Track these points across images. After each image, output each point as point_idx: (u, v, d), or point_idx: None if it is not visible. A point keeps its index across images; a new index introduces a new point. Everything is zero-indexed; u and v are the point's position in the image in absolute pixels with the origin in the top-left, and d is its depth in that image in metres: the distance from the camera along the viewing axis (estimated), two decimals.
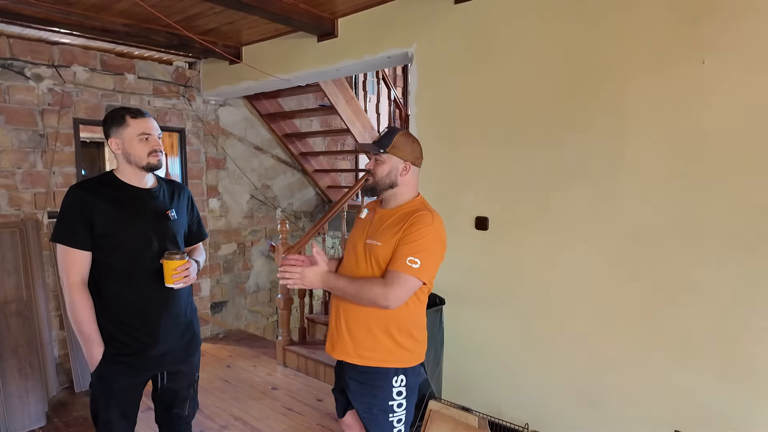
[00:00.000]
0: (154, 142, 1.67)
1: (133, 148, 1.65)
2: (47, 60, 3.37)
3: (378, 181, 1.64)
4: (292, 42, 3.38)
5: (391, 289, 1.48)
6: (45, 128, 3.38)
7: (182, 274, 1.64)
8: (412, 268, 1.48)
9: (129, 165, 1.68)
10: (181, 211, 1.82)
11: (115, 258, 1.63)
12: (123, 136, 1.65)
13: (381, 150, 1.61)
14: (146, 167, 1.68)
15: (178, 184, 1.91)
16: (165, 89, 4.04)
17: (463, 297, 2.63)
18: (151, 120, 1.69)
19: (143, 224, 1.67)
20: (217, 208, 4.53)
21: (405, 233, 1.53)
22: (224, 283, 4.67)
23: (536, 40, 2.27)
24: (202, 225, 1.99)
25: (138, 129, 1.65)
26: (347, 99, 4.32)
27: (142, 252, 1.65)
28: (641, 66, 1.99)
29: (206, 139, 4.37)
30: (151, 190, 1.74)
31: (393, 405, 1.61)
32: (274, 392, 3.32)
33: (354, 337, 1.62)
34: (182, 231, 1.83)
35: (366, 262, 1.61)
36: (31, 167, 3.35)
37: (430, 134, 2.71)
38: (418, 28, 2.69)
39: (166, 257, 1.63)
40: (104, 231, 1.60)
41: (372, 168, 1.65)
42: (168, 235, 1.72)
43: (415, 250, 1.49)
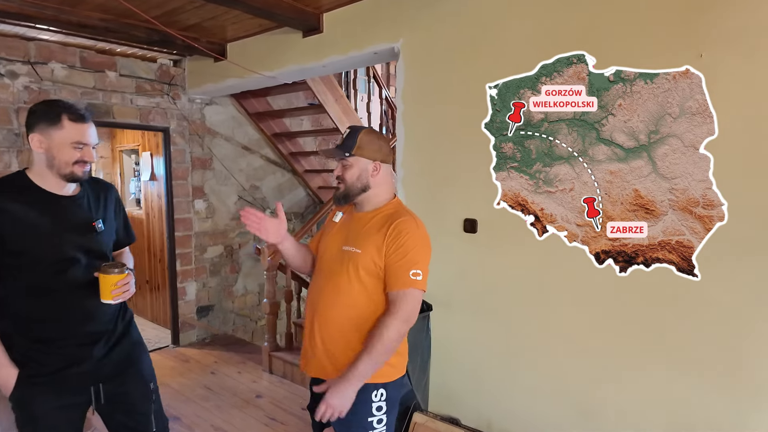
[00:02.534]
0: (87, 154, 1.48)
1: (61, 154, 1.44)
2: (23, 56, 3.26)
3: (349, 187, 1.53)
4: (277, 38, 3.27)
5: (403, 312, 1.42)
6: (20, 127, 3.26)
7: (122, 288, 1.49)
8: (417, 282, 1.43)
9: (49, 170, 1.47)
10: (108, 219, 1.63)
11: (31, 276, 1.45)
12: (52, 137, 1.43)
13: (346, 153, 1.50)
14: (67, 177, 1.47)
15: (103, 184, 1.70)
16: (148, 87, 3.92)
17: (451, 303, 2.52)
18: (91, 127, 1.50)
19: (65, 239, 1.48)
20: (203, 210, 4.41)
21: (394, 246, 1.44)
22: (211, 286, 4.56)
23: (526, 32, 2.17)
24: (130, 227, 1.79)
25: (74, 136, 1.45)
26: (336, 98, 4.21)
27: (63, 270, 1.47)
28: (637, 59, 1.89)
29: (192, 138, 4.26)
30: (73, 197, 1.53)
31: (372, 421, 1.51)
32: (258, 401, 3.21)
33: (331, 355, 1.52)
34: (111, 242, 1.65)
35: (341, 270, 1.50)
36: (6, 167, 3.23)
37: (418, 132, 2.61)
38: (404, 22, 2.59)
39: (103, 271, 1.46)
40: (16, 247, 1.42)
41: (340, 174, 1.53)
42: (94, 249, 1.54)
43: (413, 262, 1.43)
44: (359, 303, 1.48)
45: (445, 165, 2.49)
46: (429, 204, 2.52)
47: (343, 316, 1.50)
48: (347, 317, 1.49)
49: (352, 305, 1.49)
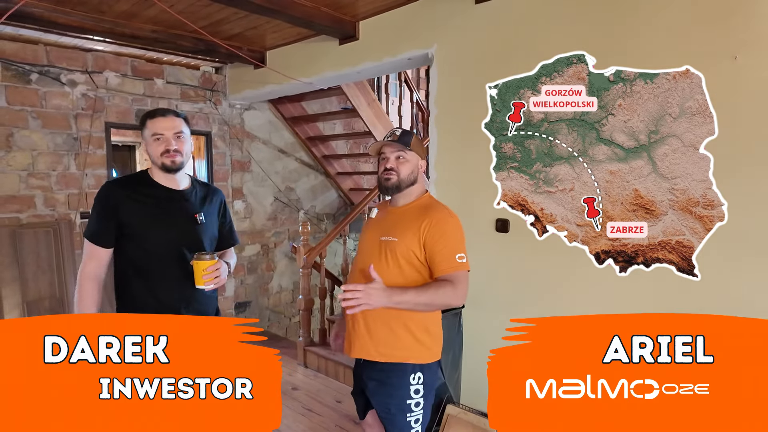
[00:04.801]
0: (166, 142, 1.64)
1: (151, 149, 1.65)
2: (81, 66, 3.51)
3: (403, 179, 1.66)
4: (314, 46, 3.41)
5: (460, 290, 1.54)
6: (78, 132, 3.51)
7: (212, 274, 1.60)
8: (463, 264, 1.56)
9: (154, 165, 1.69)
10: (210, 215, 1.78)
11: (138, 256, 1.64)
12: (144, 137, 1.67)
13: (408, 148, 1.64)
14: (161, 168, 1.66)
15: (212, 188, 1.89)
16: (192, 93, 4.14)
17: (483, 301, 2.58)
18: (167, 120, 1.66)
19: (169, 225, 1.66)
20: (241, 210, 4.61)
21: (437, 235, 1.56)
22: (248, 283, 4.75)
23: (559, 38, 2.22)
24: (234, 231, 1.95)
25: (152, 129, 1.64)
26: (369, 102, 4.33)
27: (166, 253, 1.65)
28: (671, 62, 1.92)
29: (232, 142, 4.46)
30: (183, 191, 1.72)
31: (411, 404, 1.61)
32: (294, 392, 3.35)
33: (372, 334, 1.62)
34: (210, 235, 1.79)
35: (381, 258, 1.61)
36: (65, 169, 3.48)
37: (450, 135, 2.69)
38: (438, 29, 2.68)
39: (196, 258, 1.59)
40: (129, 228, 1.62)
41: (394, 167, 1.65)
42: (194, 238, 1.70)
43: (456, 245, 1.57)
44: (397, 286, 1.58)
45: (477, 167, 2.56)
46: (461, 204, 2.59)
47: None
48: None
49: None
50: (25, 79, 3.29)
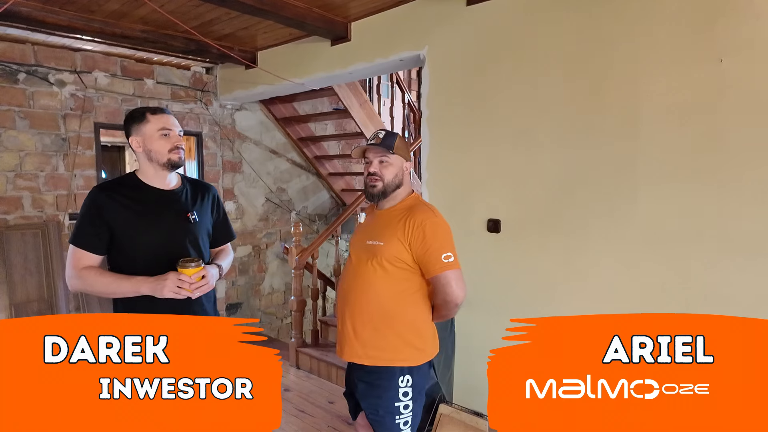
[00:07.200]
0: (175, 138, 1.62)
1: (154, 144, 1.60)
2: (70, 66, 3.47)
3: (387, 185, 1.63)
4: (306, 46, 3.42)
5: (450, 296, 1.55)
6: (67, 132, 3.47)
7: (196, 284, 1.54)
8: (450, 264, 1.54)
9: (150, 164, 1.62)
10: (204, 213, 1.75)
11: (134, 261, 1.59)
12: (143, 133, 1.60)
13: (390, 151, 1.61)
14: (167, 164, 1.62)
15: (203, 184, 1.84)
16: (183, 94, 4.11)
17: (475, 301, 2.60)
18: (171, 117, 1.65)
19: (162, 226, 1.62)
20: (233, 211, 4.58)
21: (420, 239, 1.54)
22: (239, 285, 4.72)
23: (549, 41, 2.26)
24: (230, 226, 1.90)
25: (158, 124, 1.60)
26: (361, 102, 4.34)
27: (160, 255, 1.60)
28: (658, 65, 1.96)
29: (222, 142, 4.44)
30: (173, 191, 1.69)
31: (399, 406, 1.61)
32: (286, 394, 3.34)
33: (360, 337, 1.62)
34: (205, 233, 1.76)
35: (367, 262, 1.62)
36: (54, 170, 3.44)
37: (442, 136, 2.71)
38: (430, 30, 2.70)
39: (180, 266, 1.54)
40: (122, 234, 1.58)
41: (378, 171, 1.63)
42: (189, 237, 1.67)
43: (441, 246, 1.54)
44: (384, 290, 1.60)
45: (469, 167, 2.59)
46: (453, 204, 2.62)
47: (370, 303, 1.61)
48: (373, 303, 1.61)
49: (377, 292, 1.60)
50: (12, 79, 3.25)
